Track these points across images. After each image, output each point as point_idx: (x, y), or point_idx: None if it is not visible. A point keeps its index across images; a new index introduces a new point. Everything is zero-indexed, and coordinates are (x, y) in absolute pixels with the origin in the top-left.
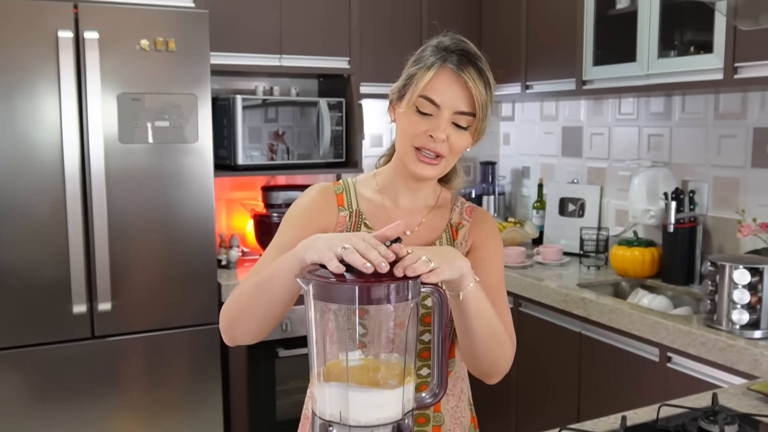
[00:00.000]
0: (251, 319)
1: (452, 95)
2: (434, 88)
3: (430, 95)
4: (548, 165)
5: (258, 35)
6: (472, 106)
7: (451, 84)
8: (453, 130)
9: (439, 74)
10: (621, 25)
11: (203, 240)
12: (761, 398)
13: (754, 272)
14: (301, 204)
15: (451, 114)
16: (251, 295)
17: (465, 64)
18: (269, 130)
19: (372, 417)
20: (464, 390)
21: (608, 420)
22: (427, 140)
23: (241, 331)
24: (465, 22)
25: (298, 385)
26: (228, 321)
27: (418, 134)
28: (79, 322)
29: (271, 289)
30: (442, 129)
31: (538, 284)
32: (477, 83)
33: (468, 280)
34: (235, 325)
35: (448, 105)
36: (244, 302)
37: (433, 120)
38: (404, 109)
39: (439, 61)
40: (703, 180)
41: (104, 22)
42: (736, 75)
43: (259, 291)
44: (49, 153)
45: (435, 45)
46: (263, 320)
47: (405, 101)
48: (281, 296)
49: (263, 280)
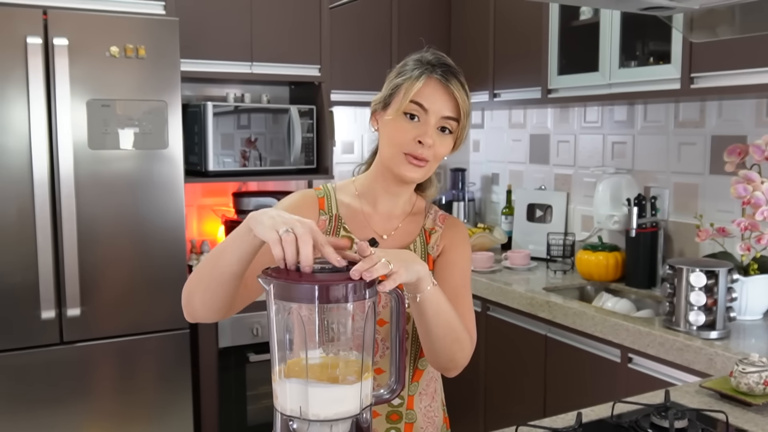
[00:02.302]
0: (206, 292)
1: (439, 101)
2: (423, 94)
3: (420, 101)
4: (517, 172)
5: (229, 42)
6: (457, 112)
7: (437, 92)
8: (438, 136)
9: (427, 83)
10: (584, 36)
11: (174, 245)
12: (713, 395)
13: (710, 275)
14: (283, 205)
15: (437, 119)
16: (206, 268)
17: (449, 76)
18: (241, 137)
19: (331, 411)
20: (437, 390)
21: (566, 417)
22: (416, 146)
23: (198, 305)
24: (434, 32)
25: (268, 390)
26: (186, 296)
27: (407, 140)
28: (47, 327)
29: (223, 260)
30: (430, 134)
31: (505, 288)
32: (461, 93)
33: (425, 283)
34: (192, 299)
35: (435, 110)
36: (200, 275)
37: (421, 126)
38: (392, 117)
39: (426, 72)
40: (664, 186)
41: (74, 28)
42: (693, 85)
43: (213, 262)
44: (18, 159)
45: (417, 59)
46: (216, 293)
47: (392, 109)
48: (232, 267)
49: (216, 252)
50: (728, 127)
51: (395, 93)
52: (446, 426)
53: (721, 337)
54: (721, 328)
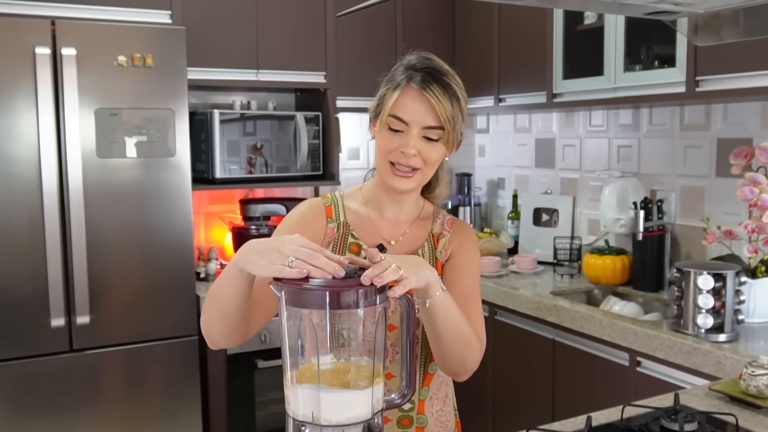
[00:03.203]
0: (221, 326)
1: (418, 112)
2: (401, 106)
3: (398, 114)
4: (522, 176)
5: (235, 50)
6: (439, 120)
7: (416, 102)
8: (424, 144)
9: (404, 93)
10: (589, 40)
11: (181, 253)
12: (722, 398)
13: (717, 278)
14: (291, 218)
15: (420, 129)
16: (213, 306)
17: (428, 82)
18: (247, 144)
19: (343, 416)
20: (449, 395)
21: (575, 421)
22: (400, 156)
23: (217, 338)
24: (439, 38)
25: (277, 396)
26: (205, 331)
27: (391, 150)
28: (57, 335)
29: (224, 298)
30: (411, 145)
31: (512, 293)
32: (441, 99)
33: (434, 289)
34: (211, 334)
35: (415, 122)
36: (209, 312)
37: (404, 137)
38: (379, 128)
39: (404, 81)
40: (670, 189)
41: (81, 38)
42: (698, 88)
43: (216, 302)
44: (27, 168)
45: (405, 64)
46: (230, 325)
47: (379, 120)
48: (235, 302)
49: (215, 292)
50: (734, 129)
51: (381, 104)
52: (458, 430)
53: (730, 339)
54: (730, 330)
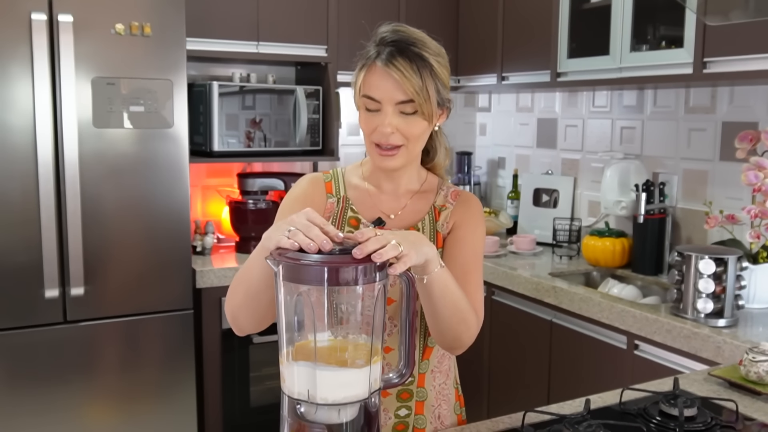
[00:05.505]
0: (248, 310)
1: (386, 89)
2: (370, 85)
3: (369, 93)
4: (523, 156)
5: (235, 22)
6: (407, 94)
7: (382, 79)
8: (401, 120)
9: (371, 72)
10: (595, 19)
11: (178, 226)
12: (721, 383)
13: (719, 262)
14: (292, 195)
15: (393, 106)
16: (240, 289)
17: (393, 57)
18: (246, 118)
19: (339, 395)
20: (451, 368)
21: (573, 403)
22: (380, 136)
23: (244, 322)
24: (442, 13)
25: (272, 372)
26: (231, 316)
27: (371, 131)
28: (51, 306)
29: (251, 282)
30: (387, 123)
31: (511, 273)
32: (406, 72)
33: (433, 264)
34: (238, 319)
35: (387, 98)
36: (236, 296)
37: (380, 115)
38: (359, 110)
39: (371, 59)
40: (673, 172)
41: (79, 5)
42: (705, 70)
43: (243, 284)
44: (22, 137)
45: (375, 40)
46: (258, 308)
47: (356, 102)
48: (262, 286)
49: (242, 275)
50: (739, 113)
51: (354, 85)
52: (460, 404)
53: (729, 325)
54: (729, 316)
